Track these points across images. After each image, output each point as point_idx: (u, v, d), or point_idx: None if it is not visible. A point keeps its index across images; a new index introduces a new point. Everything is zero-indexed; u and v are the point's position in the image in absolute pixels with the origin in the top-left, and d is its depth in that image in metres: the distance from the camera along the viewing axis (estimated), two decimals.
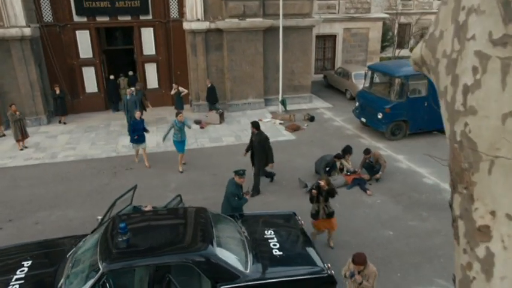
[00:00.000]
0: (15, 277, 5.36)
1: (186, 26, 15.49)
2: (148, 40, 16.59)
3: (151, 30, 16.48)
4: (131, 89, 14.04)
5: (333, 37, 21.97)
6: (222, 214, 6.85)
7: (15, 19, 13.91)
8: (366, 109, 13.77)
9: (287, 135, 14.01)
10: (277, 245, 6.03)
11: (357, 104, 14.37)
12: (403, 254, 7.50)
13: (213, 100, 15.60)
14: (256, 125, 9.75)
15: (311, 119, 15.37)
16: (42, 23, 15.08)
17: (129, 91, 13.81)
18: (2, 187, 10.46)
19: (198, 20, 15.41)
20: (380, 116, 12.98)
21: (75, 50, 15.95)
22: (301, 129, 14.52)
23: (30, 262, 5.68)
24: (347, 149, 10.66)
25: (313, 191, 7.33)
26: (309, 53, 17.64)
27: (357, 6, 21.66)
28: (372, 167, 10.34)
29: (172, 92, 15.47)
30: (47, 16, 15.32)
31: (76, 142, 13.55)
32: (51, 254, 6.12)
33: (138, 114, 11.40)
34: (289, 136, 13.89)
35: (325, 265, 5.74)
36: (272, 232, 6.35)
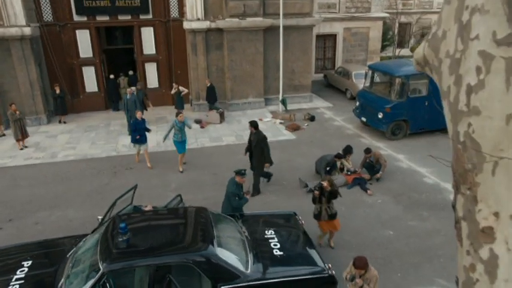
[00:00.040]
0: (15, 277, 5.35)
1: (187, 26, 15.48)
2: (148, 39, 16.58)
3: (151, 29, 16.47)
4: (131, 89, 14.03)
5: (333, 36, 21.95)
6: (223, 214, 6.83)
7: (15, 18, 13.90)
8: (367, 109, 13.76)
9: (287, 134, 13.99)
10: (277, 245, 6.01)
11: (357, 104, 14.35)
12: (403, 254, 7.49)
13: (213, 99, 15.59)
14: (254, 124, 9.68)
15: (311, 119, 15.35)
16: (42, 23, 15.07)
17: (129, 90, 13.78)
18: (2, 187, 10.45)
19: (199, 20, 15.40)
20: (380, 116, 12.97)
21: (75, 50, 15.94)
22: (301, 128, 14.50)
23: (30, 262, 5.67)
24: (348, 149, 10.65)
25: (315, 192, 7.27)
26: (309, 53, 17.62)
27: (357, 5, 21.64)
28: (373, 167, 10.33)
29: (172, 92, 15.47)
30: (47, 15, 15.30)
31: (76, 142, 13.54)
32: (51, 254, 6.10)
33: (139, 114, 11.26)
34: (289, 136, 13.88)
35: (325, 265, 5.72)
36: (273, 232, 6.33)
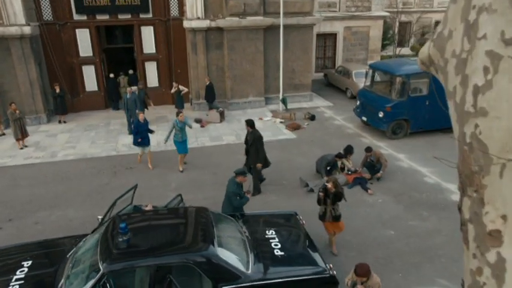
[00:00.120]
0: (15, 277, 5.32)
1: (187, 25, 15.44)
2: (148, 38, 16.55)
3: (151, 28, 16.44)
4: (131, 88, 13.98)
5: (334, 35, 21.92)
6: (223, 214, 6.81)
7: (14, 17, 13.87)
8: (367, 108, 13.73)
9: (287, 134, 13.97)
10: (278, 245, 5.98)
11: (358, 103, 14.33)
12: (404, 254, 7.48)
13: (211, 98, 15.56)
14: (250, 123, 9.55)
15: (312, 118, 15.33)
16: (42, 22, 15.03)
17: (129, 90, 13.75)
18: (2, 186, 10.43)
19: (199, 19, 15.37)
20: (381, 115, 12.94)
21: (75, 49, 15.91)
22: (301, 128, 14.47)
23: (30, 262, 5.65)
24: (348, 149, 10.62)
25: (320, 194, 7.21)
26: (310, 52, 17.60)
27: (358, 4, 21.61)
28: (373, 166, 10.31)
29: (172, 91, 15.46)
30: (47, 14, 15.26)
31: (76, 141, 13.52)
32: (51, 254, 6.08)
33: (142, 116, 10.98)
34: (289, 135, 13.86)
35: (327, 265, 5.70)
36: (273, 232, 6.30)
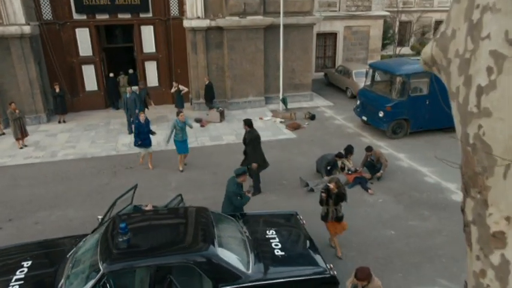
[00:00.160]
0: (14, 278, 5.31)
1: (187, 24, 15.43)
2: (148, 38, 16.54)
3: (151, 28, 16.42)
4: (131, 88, 13.94)
5: (334, 35, 21.91)
6: (223, 214, 6.80)
7: (14, 17, 13.85)
8: (367, 107, 13.72)
9: (288, 133, 13.96)
10: (279, 245, 5.97)
11: (358, 103, 14.32)
12: (405, 254, 7.46)
13: (210, 97, 15.55)
14: (248, 123, 9.48)
15: (312, 118, 15.31)
16: (41, 21, 15.01)
17: (129, 89, 13.72)
18: (2, 186, 10.41)
19: (199, 18, 15.35)
20: (381, 115, 12.93)
21: (74, 48, 15.89)
22: (301, 127, 14.46)
23: (30, 262, 5.63)
24: (349, 149, 10.61)
25: (322, 194, 7.15)
26: (310, 51, 17.58)
27: (358, 3, 21.59)
28: (373, 166, 10.29)
29: (172, 90, 15.44)
30: (47, 14, 15.24)
31: (76, 140, 13.50)
32: (51, 254, 6.06)
33: (143, 116, 10.80)
34: (289, 135, 13.84)
35: (327, 265, 5.68)
36: (274, 232, 6.28)
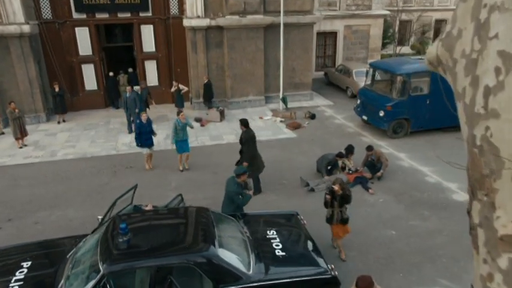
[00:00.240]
0: (14, 278, 5.28)
1: (186, 23, 15.39)
2: (148, 37, 16.50)
3: (151, 27, 16.39)
4: (130, 87, 13.90)
5: (334, 34, 21.87)
6: (224, 214, 6.77)
7: (13, 16, 13.82)
8: (367, 107, 13.69)
9: (288, 133, 13.93)
10: (279, 246, 5.93)
11: (358, 102, 14.29)
12: (405, 254, 7.44)
13: (209, 96, 15.52)
14: (244, 123, 9.45)
15: (312, 117, 15.29)
16: (41, 20, 14.98)
17: (129, 89, 13.69)
18: (2, 186, 10.38)
19: (199, 17, 15.32)
20: (381, 114, 12.90)
21: (74, 47, 15.86)
22: (302, 127, 14.43)
23: (29, 263, 5.60)
24: (349, 148, 10.57)
25: (327, 196, 7.05)
26: (310, 50, 17.55)
27: (358, 3, 21.56)
28: (374, 166, 10.28)
29: (172, 90, 15.41)
30: (46, 13, 15.20)
31: (76, 140, 13.47)
32: (51, 255, 6.03)
33: (144, 116, 10.65)
34: (290, 134, 13.82)
35: (328, 266, 5.65)
36: (274, 232, 6.25)
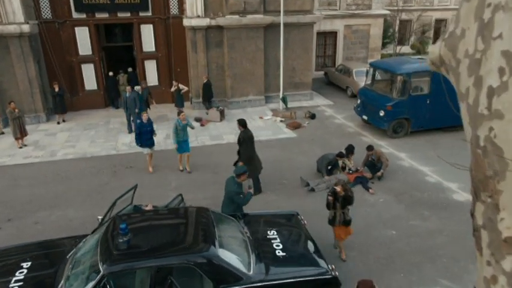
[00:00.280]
0: (14, 279, 5.27)
1: (186, 23, 15.37)
2: (148, 37, 16.48)
3: (151, 26, 16.37)
4: (130, 87, 13.88)
5: (334, 34, 21.85)
6: (224, 214, 6.75)
7: (13, 16, 13.79)
8: (368, 107, 13.67)
9: (288, 133, 13.92)
10: (280, 246, 5.91)
11: (359, 102, 14.27)
12: (406, 254, 7.43)
13: (209, 96, 15.50)
14: (242, 123, 9.42)
15: (312, 117, 15.27)
16: (40, 20, 14.95)
17: (129, 88, 13.67)
18: (1, 186, 10.36)
19: (198, 17, 15.30)
20: (382, 114, 12.89)
21: (74, 47, 15.84)
22: (302, 126, 14.41)
23: (29, 263, 5.59)
24: (350, 148, 10.56)
25: (329, 198, 7.01)
26: (310, 50, 17.53)
27: (358, 2, 21.54)
28: (374, 165, 10.26)
29: (172, 89, 15.39)
30: (46, 13, 15.18)
31: (75, 140, 13.46)
32: (50, 255, 6.01)
33: (145, 116, 10.56)
34: (290, 134, 13.80)
35: (329, 266, 5.64)
36: (275, 232, 6.23)
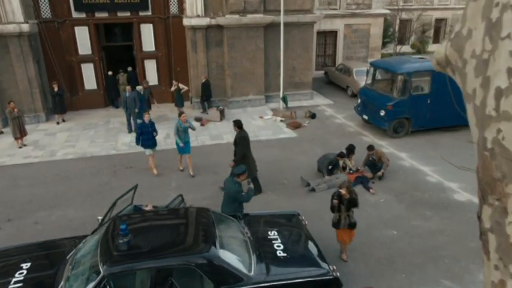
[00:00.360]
0: (13, 280, 5.25)
1: (186, 22, 15.34)
2: (147, 36, 16.46)
3: (150, 26, 16.35)
4: (130, 87, 13.86)
5: (334, 33, 21.83)
6: (224, 214, 6.72)
7: (13, 15, 13.76)
8: (368, 106, 13.65)
9: (288, 132, 13.89)
10: (281, 246, 5.89)
11: (359, 101, 14.25)
12: (407, 254, 7.42)
13: (207, 96, 15.47)
14: (238, 124, 9.38)
15: (312, 116, 15.25)
16: (40, 19, 14.92)
17: (129, 88, 13.65)
18: (1, 186, 10.34)
19: (198, 16, 15.27)
20: (382, 114, 12.87)
21: (74, 47, 15.81)
22: (302, 126, 14.39)
23: (29, 264, 5.56)
24: (350, 148, 10.54)
25: (334, 201, 6.93)
26: (310, 50, 17.50)
27: (358, 2, 21.51)
28: (375, 165, 10.25)
29: (172, 89, 15.37)
30: (45, 12, 15.15)
31: (75, 140, 13.43)
32: (50, 256, 5.99)
33: (147, 116, 10.48)
34: (290, 134, 13.78)
35: (330, 267, 5.62)
36: (276, 233, 6.20)
